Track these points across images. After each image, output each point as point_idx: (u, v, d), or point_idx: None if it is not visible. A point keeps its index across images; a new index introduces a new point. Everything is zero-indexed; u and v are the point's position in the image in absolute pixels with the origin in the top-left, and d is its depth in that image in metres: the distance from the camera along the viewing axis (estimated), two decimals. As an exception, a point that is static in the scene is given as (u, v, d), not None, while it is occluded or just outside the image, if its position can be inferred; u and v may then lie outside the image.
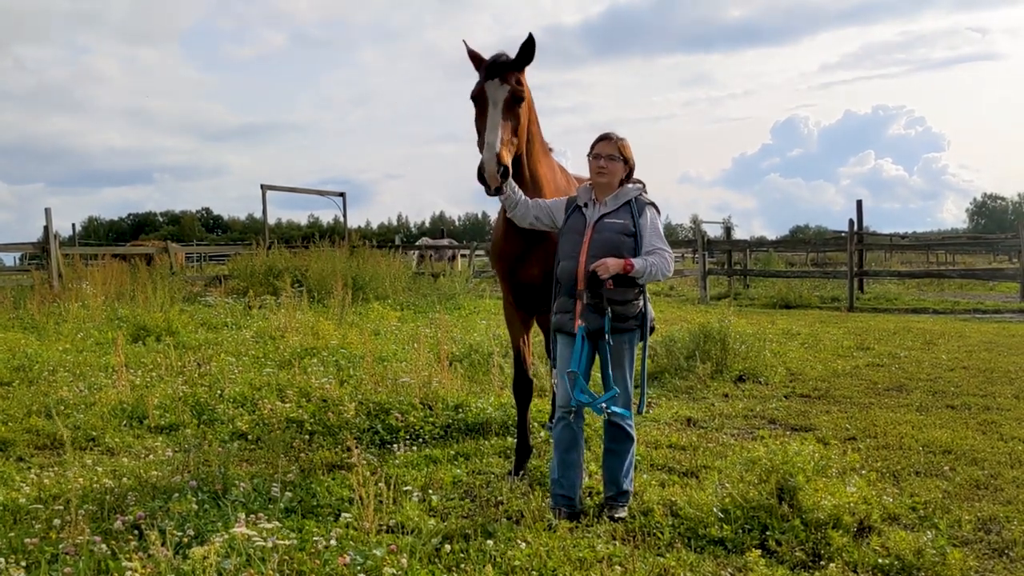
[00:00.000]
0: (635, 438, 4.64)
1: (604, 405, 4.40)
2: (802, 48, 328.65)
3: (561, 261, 4.58)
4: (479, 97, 4.63)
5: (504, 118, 4.51)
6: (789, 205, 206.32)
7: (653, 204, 4.65)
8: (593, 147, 4.64)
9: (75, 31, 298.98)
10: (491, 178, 4.36)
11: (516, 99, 4.60)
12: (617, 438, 4.57)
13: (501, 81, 4.58)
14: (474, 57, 4.81)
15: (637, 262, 4.35)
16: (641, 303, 4.54)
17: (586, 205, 4.63)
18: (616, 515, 4.42)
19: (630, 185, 4.63)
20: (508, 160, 4.42)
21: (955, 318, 15.89)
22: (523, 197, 4.73)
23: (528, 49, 4.62)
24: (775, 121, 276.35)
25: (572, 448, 4.57)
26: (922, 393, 7.95)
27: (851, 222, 20.31)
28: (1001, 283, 22.78)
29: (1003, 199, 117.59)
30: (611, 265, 4.31)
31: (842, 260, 25.55)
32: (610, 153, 4.55)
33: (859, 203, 22.15)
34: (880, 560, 3.79)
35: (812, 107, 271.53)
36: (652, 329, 4.75)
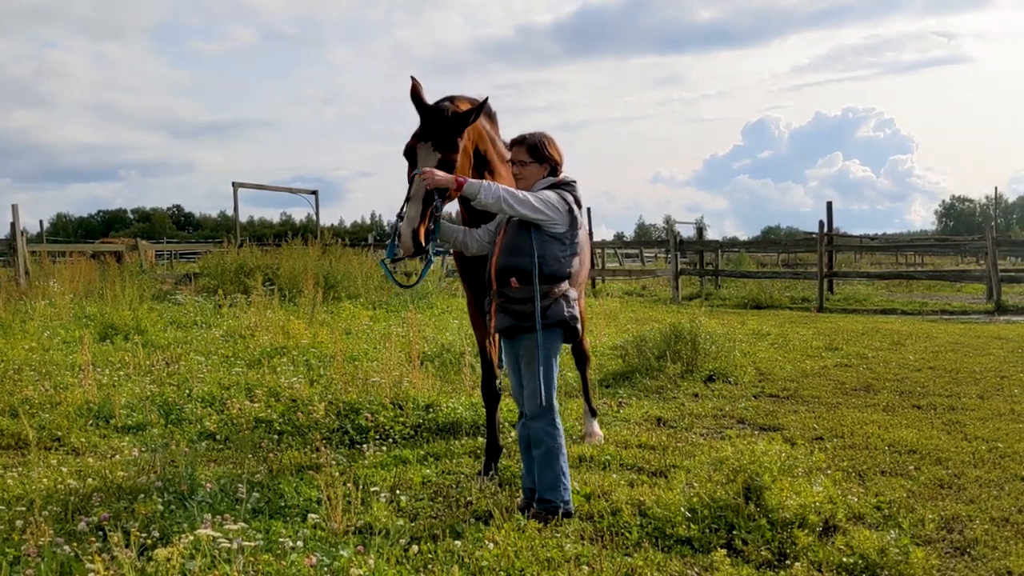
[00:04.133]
0: (555, 445, 4.45)
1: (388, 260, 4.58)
2: (773, 49, 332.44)
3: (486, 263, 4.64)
4: (409, 156, 4.53)
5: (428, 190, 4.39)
6: (759, 206, 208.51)
7: (557, 185, 4.56)
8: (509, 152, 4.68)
9: (37, 25, 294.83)
10: (405, 251, 4.33)
11: (446, 168, 4.44)
12: (535, 442, 4.50)
13: (435, 146, 4.43)
14: (416, 97, 4.58)
15: (472, 181, 4.30)
16: (548, 302, 4.39)
17: None
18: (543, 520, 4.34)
19: (542, 180, 4.60)
20: (423, 238, 4.30)
21: (923, 319, 16.09)
22: (463, 236, 4.70)
23: (475, 113, 4.56)
24: (746, 122, 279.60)
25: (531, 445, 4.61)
26: (889, 393, 8.04)
27: (821, 223, 20.48)
28: (968, 284, 23.11)
29: (971, 201, 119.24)
30: (439, 177, 4.26)
31: (812, 261, 25.85)
32: (521, 159, 4.58)
33: (829, 204, 22.27)
34: (845, 559, 3.83)
35: (783, 108, 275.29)
36: (575, 331, 4.55)
